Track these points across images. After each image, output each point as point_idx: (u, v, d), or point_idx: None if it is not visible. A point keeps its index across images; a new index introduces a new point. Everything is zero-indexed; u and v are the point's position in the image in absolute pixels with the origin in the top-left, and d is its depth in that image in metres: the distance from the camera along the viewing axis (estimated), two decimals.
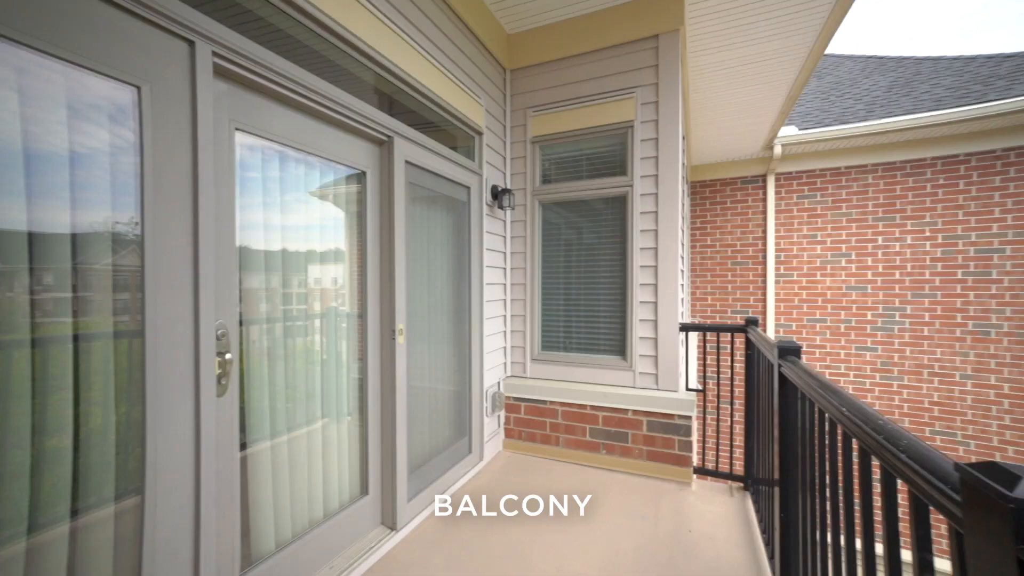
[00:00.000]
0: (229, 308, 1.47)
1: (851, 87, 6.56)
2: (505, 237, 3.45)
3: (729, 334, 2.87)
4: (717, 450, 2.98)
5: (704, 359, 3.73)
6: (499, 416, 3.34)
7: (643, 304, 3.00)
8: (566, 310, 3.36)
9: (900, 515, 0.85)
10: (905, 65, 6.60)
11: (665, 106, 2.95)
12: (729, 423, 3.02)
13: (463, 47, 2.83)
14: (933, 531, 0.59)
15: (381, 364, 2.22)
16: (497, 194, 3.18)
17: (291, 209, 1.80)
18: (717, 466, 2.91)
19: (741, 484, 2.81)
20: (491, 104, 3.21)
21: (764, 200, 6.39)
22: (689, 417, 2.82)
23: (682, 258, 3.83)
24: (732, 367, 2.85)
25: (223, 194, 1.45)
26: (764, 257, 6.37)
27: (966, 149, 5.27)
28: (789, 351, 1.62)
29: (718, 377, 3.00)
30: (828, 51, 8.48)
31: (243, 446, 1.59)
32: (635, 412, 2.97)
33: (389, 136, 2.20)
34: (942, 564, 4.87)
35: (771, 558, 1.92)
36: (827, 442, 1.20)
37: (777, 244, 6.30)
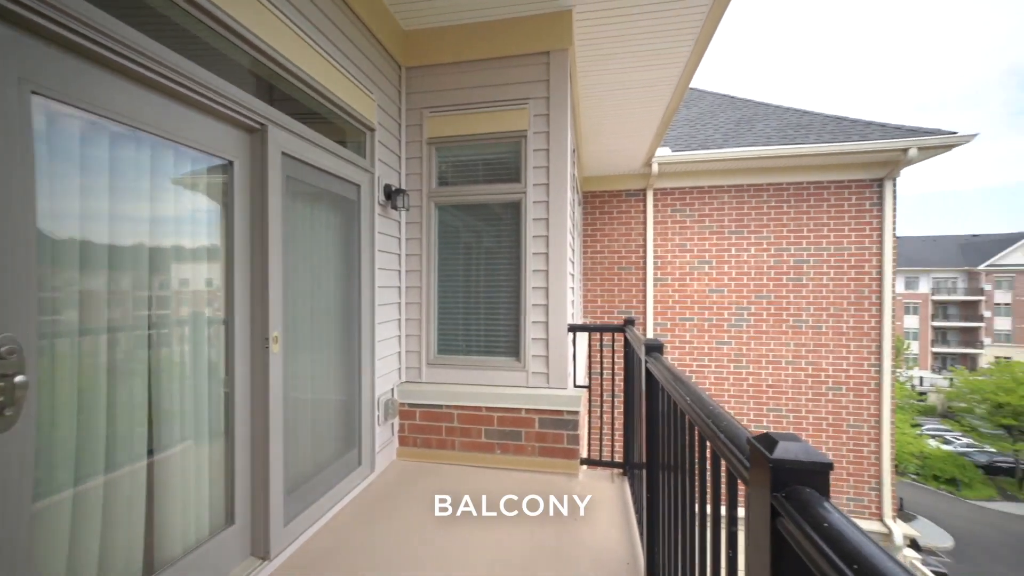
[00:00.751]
0: (23, 317, 1.17)
1: (712, 118, 7.68)
2: (400, 238, 3.35)
3: (611, 333, 3.14)
4: (600, 441, 3.24)
5: (590, 356, 4.04)
6: (393, 424, 3.22)
7: (536, 307, 3.14)
8: (463, 313, 3.37)
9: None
10: (748, 106, 7.92)
11: (555, 119, 3.13)
12: (611, 415, 3.31)
13: (353, 37, 2.68)
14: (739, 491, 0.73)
15: (252, 376, 1.99)
16: (391, 194, 3.07)
17: (132, 198, 1.53)
18: (600, 456, 3.17)
19: (621, 470, 3.09)
20: (385, 100, 3.09)
21: (644, 212, 7.14)
22: (577, 412, 3.03)
23: (572, 263, 4.10)
24: (613, 363, 3.13)
25: (11, 173, 1.15)
26: (644, 263, 7.12)
27: (787, 179, 6.52)
28: (654, 348, 1.83)
29: (601, 373, 3.29)
30: (694, 85, 9.83)
31: (58, 488, 1.29)
32: (528, 411, 3.09)
33: (262, 124, 1.99)
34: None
35: (641, 534, 2.15)
36: (678, 426, 1.38)
37: (655, 252, 7.09)
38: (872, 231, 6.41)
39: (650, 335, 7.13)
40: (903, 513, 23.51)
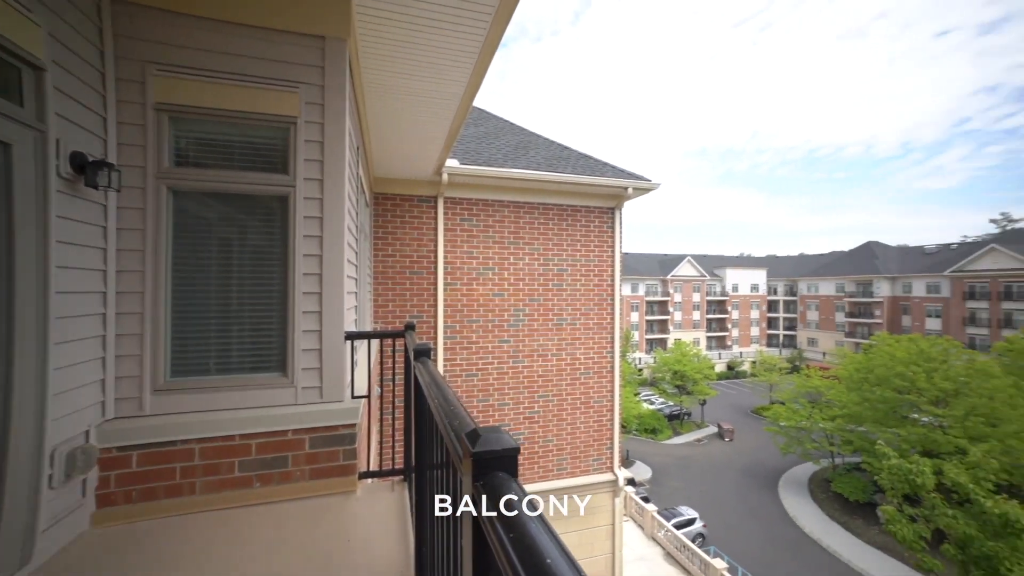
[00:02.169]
0: None
1: (495, 139, 8.55)
2: (106, 228, 2.49)
3: (392, 339, 3.09)
4: (381, 450, 3.15)
5: (381, 363, 3.90)
6: (84, 482, 2.34)
7: (307, 314, 2.82)
8: (212, 325, 2.75)
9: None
10: (524, 133, 9.17)
11: (333, 112, 2.89)
12: (393, 422, 3.25)
13: None
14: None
15: None
16: (86, 166, 2.25)
17: None
18: (381, 465, 3.07)
19: (402, 477, 3.07)
20: (66, 32, 2.21)
21: (436, 218, 7.38)
22: (354, 425, 2.85)
23: (355, 266, 3.87)
24: (394, 370, 3.09)
25: None
26: (435, 268, 7.35)
27: (552, 201, 7.82)
28: (422, 353, 1.87)
29: (382, 379, 3.21)
30: (482, 107, 10.81)
31: None
32: (297, 431, 2.74)
33: None
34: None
35: (415, 537, 2.17)
36: (435, 428, 1.43)
37: (445, 257, 7.40)
38: (608, 247, 8.28)
39: (441, 338, 7.41)
40: (627, 461, 31.91)
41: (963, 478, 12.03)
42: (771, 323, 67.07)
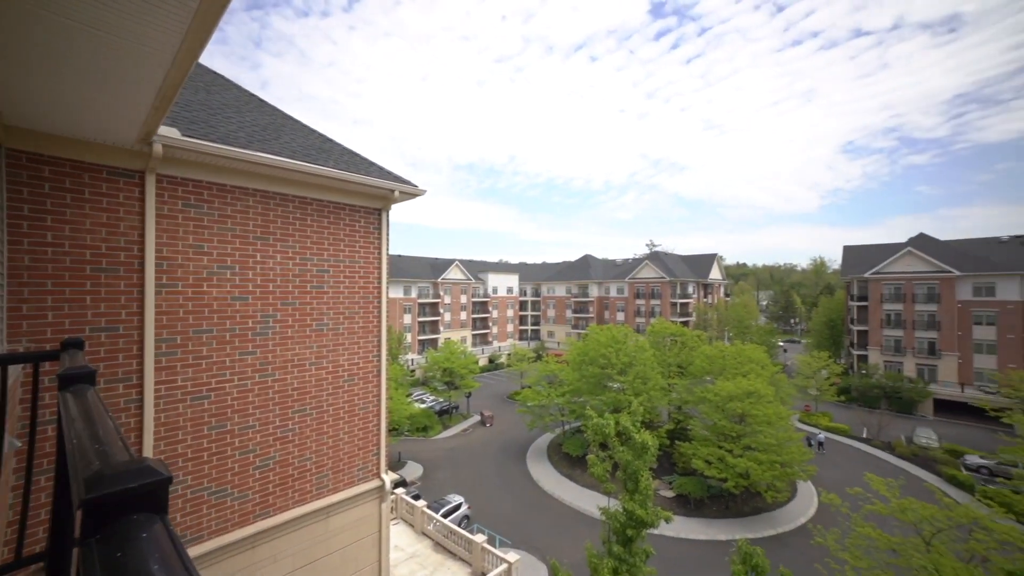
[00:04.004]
0: None
1: (236, 114, 7.12)
2: None
3: (35, 364, 2.15)
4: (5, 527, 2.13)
5: (4, 402, 2.62)
6: None
7: None
8: None
9: None
10: (277, 114, 8.01)
11: None
12: (26, 484, 2.25)
13: None
14: None
15: None
16: None
17: None
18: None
19: (43, 563, 2.15)
20: None
21: (143, 200, 5.59)
22: None
23: None
24: (35, 406, 2.13)
25: None
26: (142, 265, 5.56)
27: (311, 195, 7.10)
28: (74, 378, 1.36)
29: (2, 427, 2.15)
30: (222, 72, 8.85)
31: None
32: None
33: None
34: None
35: None
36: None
37: (159, 251, 5.70)
38: (375, 249, 8.07)
39: (152, 354, 5.64)
40: (398, 463, 32.02)
41: (628, 423, 17.39)
42: (522, 320, 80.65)
